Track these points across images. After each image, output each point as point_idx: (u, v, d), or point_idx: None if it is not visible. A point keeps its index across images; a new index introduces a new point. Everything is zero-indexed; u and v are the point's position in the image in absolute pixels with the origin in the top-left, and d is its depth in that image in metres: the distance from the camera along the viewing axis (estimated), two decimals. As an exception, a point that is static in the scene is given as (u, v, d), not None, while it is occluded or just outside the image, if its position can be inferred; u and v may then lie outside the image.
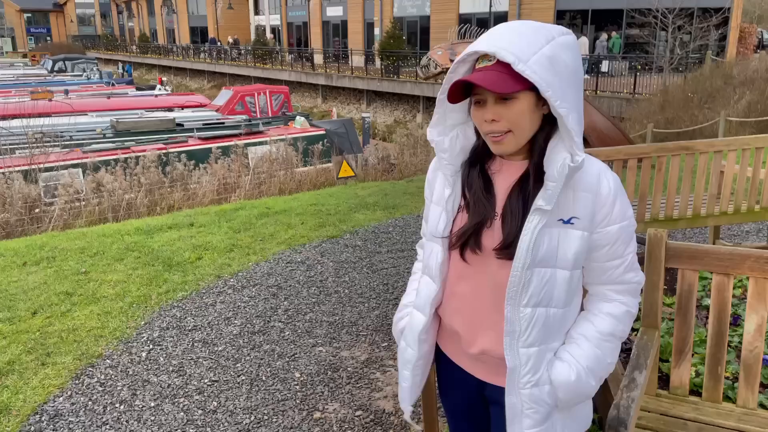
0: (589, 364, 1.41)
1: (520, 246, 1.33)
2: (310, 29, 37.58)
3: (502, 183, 1.42)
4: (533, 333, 1.37)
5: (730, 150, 4.10)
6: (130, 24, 61.83)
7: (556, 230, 1.35)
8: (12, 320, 3.95)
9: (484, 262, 1.42)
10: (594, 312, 1.46)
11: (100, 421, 2.93)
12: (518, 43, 1.26)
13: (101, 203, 9.14)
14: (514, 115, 1.31)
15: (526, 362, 1.38)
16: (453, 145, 1.45)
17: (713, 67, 15.21)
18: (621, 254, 1.42)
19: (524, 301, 1.36)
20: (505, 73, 1.27)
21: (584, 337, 1.43)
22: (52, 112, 15.69)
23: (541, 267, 1.35)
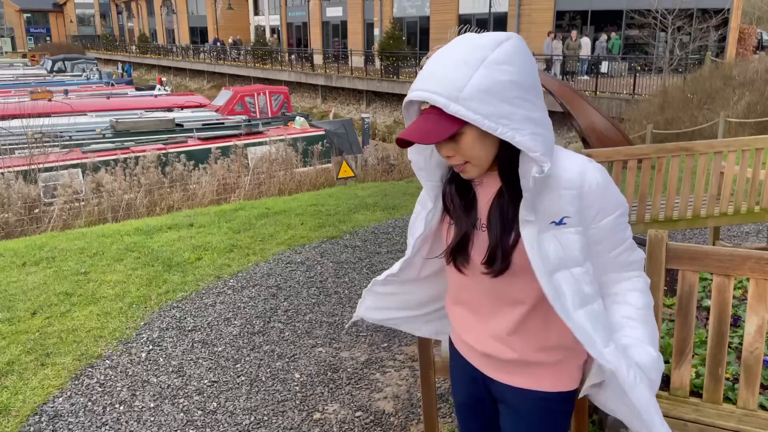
0: (653, 341, 1.43)
1: (532, 259, 1.33)
2: (309, 30, 37.59)
3: (484, 196, 1.44)
4: (600, 329, 1.36)
5: (729, 151, 4.11)
6: (130, 24, 61.84)
7: (553, 233, 1.35)
8: (11, 321, 3.95)
9: (477, 272, 1.45)
10: (621, 293, 1.47)
11: (100, 422, 2.92)
12: (449, 80, 1.23)
13: (101, 203, 9.14)
14: (464, 149, 1.31)
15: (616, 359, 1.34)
16: (428, 162, 1.46)
17: (713, 68, 15.22)
18: (622, 241, 1.44)
19: (569, 305, 1.34)
20: (442, 115, 1.25)
21: (628, 318, 1.44)
22: (52, 112, 15.69)
23: (560, 271, 1.35)
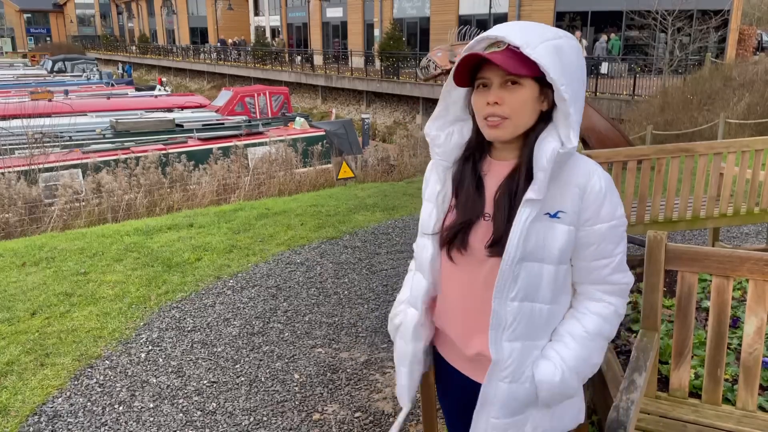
0: (576, 365, 1.41)
1: (511, 239, 1.34)
2: (309, 30, 37.59)
3: (492, 183, 1.43)
4: (518, 327, 1.38)
5: (729, 152, 4.10)
6: (130, 24, 61.85)
7: (543, 224, 1.36)
8: (11, 321, 3.95)
9: (471, 262, 1.43)
10: (581, 311, 1.46)
11: (99, 422, 2.92)
12: (527, 32, 1.31)
13: (101, 204, 9.14)
14: (516, 101, 1.33)
15: (508, 356, 1.39)
16: (447, 140, 1.47)
17: (713, 69, 15.22)
18: (609, 254, 1.42)
19: (512, 294, 1.37)
20: (514, 58, 1.30)
21: (571, 335, 1.43)
22: (52, 112, 15.69)
23: (529, 261, 1.36)
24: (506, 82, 1.34)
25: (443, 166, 1.48)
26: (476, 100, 1.39)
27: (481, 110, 1.37)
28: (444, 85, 1.44)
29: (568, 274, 1.44)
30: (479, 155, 1.47)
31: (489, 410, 1.43)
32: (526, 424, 1.45)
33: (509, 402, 1.41)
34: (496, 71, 1.34)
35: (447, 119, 1.48)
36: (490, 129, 1.37)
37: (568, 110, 1.33)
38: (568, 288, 1.47)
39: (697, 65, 17.15)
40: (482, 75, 1.37)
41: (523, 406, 1.43)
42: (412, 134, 15.45)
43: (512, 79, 1.33)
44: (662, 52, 18.78)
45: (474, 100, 1.40)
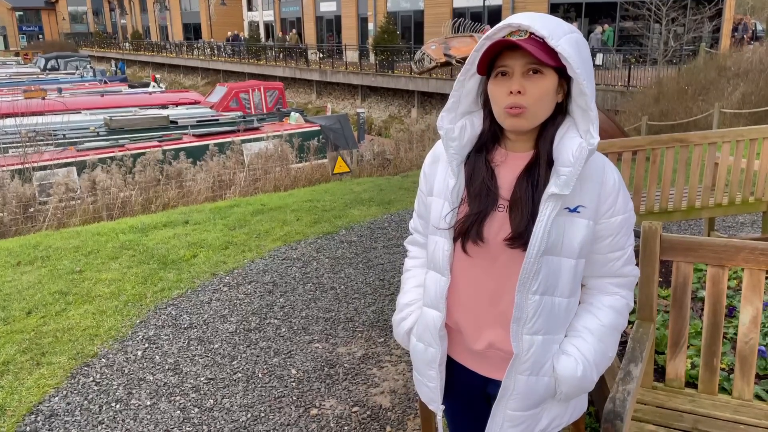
0: (595, 359, 1.43)
1: (536, 233, 1.34)
2: (303, 25, 37.44)
3: (507, 174, 1.42)
4: (539, 321, 1.39)
5: (724, 142, 4.11)
6: (123, 21, 61.51)
7: (563, 219, 1.36)
8: (6, 320, 3.93)
9: (486, 253, 1.41)
10: (596, 305, 1.48)
11: (96, 421, 2.92)
12: (550, 23, 1.31)
13: (96, 202, 9.11)
14: (538, 90, 1.32)
15: (528, 348, 1.39)
16: (461, 134, 1.44)
17: (707, 59, 15.22)
18: (623, 246, 1.44)
19: (534, 288, 1.37)
20: (536, 46, 1.28)
21: (588, 330, 1.44)
22: (46, 110, 15.62)
23: (549, 255, 1.36)
24: (528, 71, 1.32)
25: (458, 160, 1.44)
26: (495, 89, 1.36)
27: (502, 99, 1.34)
28: (459, 76, 1.41)
29: (583, 268, 1.45)
30: (491, 145, 1.46)
31: (508, 403, 1.44)
32: (542, 416, 1.47)
33: (529, 395, 1.42)
34: (518, 59, 1.32)
35: (458, 111, 1.45)
36: (511, 119, 1.35)
37: (588, 105, 1.33)
38: (580, 282, 1.49)
39: (692, 55, 17.16)
40: (502, 63, 1.34)
41: (541, 400, 1.44)
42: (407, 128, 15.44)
43: (535, 67, 1.32)
44: (657, 42, 18.78)
45: (493, 90, 1.37)
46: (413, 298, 1.63)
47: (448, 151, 1.44)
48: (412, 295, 1.64)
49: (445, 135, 1.44)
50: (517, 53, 1.31)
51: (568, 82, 1.36)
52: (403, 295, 1.68)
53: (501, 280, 1.41)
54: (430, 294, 1.52)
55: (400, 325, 1.65)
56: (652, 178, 4.08)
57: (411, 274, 1.69)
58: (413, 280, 1.67)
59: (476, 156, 1.44)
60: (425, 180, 1.56)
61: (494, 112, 1.39)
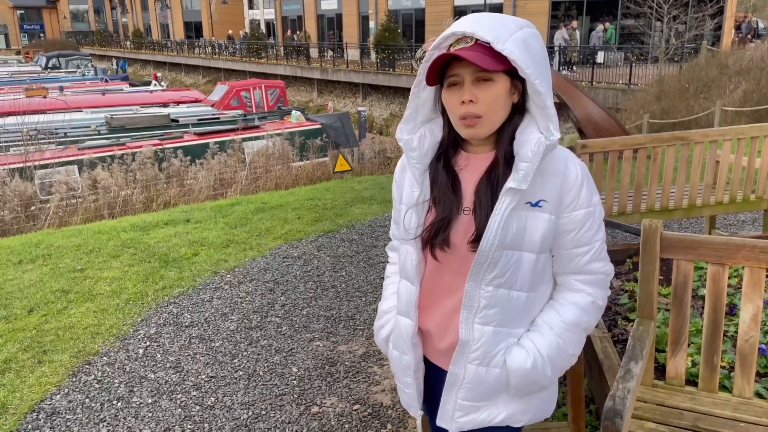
0: (549, 353, 1.41)
1: (490, 225, 1.34)
2: (304, 23, 37.42)
3: (470, 177, 1.43)
4: (491, 312, 1.39)
5: (725, 140, 4.10)
6: (124, 20, 61.51)
7: (524, 213, 1.36)
8: (8, 318, 3.94)
9: (455, 258, 1.42)
10: (560, 301, 1.47)
11: (98, 419, 2.92)
12: (494, 26, 1.30)
13: (97, 200, 9.12)
14: (489, 98, 1.32)
15: (478, 338, 1.40)
16: (421, 143, 1.44)
17: (709, 56, 15.19)
18: (588, 241, 1.43)
19: (488, 278, 1.37)
20: (485, 54, 1.29)
21: (548, 325, 1.44)
22: (47, 109, 15.63)
23: (509, 249, 1.36)
24: (478, 79, 1.33)
25: (419, 169, 1.45)
26: (449, 98, 1.37)
27: (456, 109, 1.36)
28: (413, 87, 1.41)
29: (547, 263, 1.46)
30: (453, 150, 1.46)
31: (457, 392, 1.45)
32: (499, 410, 1.45)
33: (479, 385, 1.43)
34: (467, 68, 1.32)
35: (417, 121, 1.46)
36: (466, 129, 1.36)
37: (545, 103, 1.33)
38: (547, 278, 1.49)
39: (693, 53, 17.13)
40: (453, 72, 1.35)
41: (494, 392, 1.44)
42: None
43: (484, 75, 1.32)
44: (658, 40, 18.75)
45: (446, 99, 1.38)
46: (391, 305, 1.64)
47: (410, 161, 1.45)
48: (390, 302, 1.65)
49: (404, 146, 1.45)
50: (464, 62, 1.32)
51: (522, 81, 1.36)
52: (383, 301, 1.69)
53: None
54: (402, 302, 1.54)
55: (379, 332, 1.66)
56: (653, 176, 4.08)
57: (390, 281, 1.70)
58: (392, 287, 1.68)
59: (437, 163, 1.45)
60: (396, 188, 1.57)
61: (451, 120, 1.40)
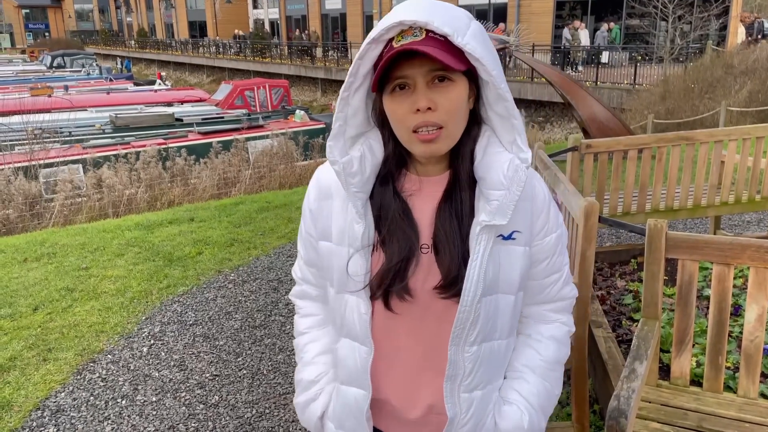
0: (540, 402, 1.23)
1: (470, 277, 1.10)
2: (309, 22, 37.46)
3: (424, 205, 1.15)
4: (478, 374, 1.17)
5: (730, 140, 4.09)
6: (129, 19, 61.67)
7: (497, 249, 1.13)
8: (13, 316, 3.95)
9: (415, 307, 1.15)
10: (535, 337, 1.27)
11: (102, 416, 2.93)
12: (449, 16, 1.03)
13: (101, 199, 9.15)
14: (450, 103, 1.05)
15: (467, 409, 1.18)
16: (362, 166, 1.12)
17: (714, 56, 15.15)
18: (560, 267, 1.25)
19: (471, 338, 1.14)
20: (440, 48, 1.01)
21: (530, 369, 1.24)
22: (52, 108, 15.68)
23: (486, 296, 1.13)
24: (433, 80, 1.04)
25: (362, 199, 1.13)
26: (396, 107, 1.06)
27: (407, 120, 1.06)
28: (341, 92, 1.10)
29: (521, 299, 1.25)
30: (398, 172, 1.16)
31: None
32: None
33: None
34: (419, 67, 1.03)
35: (347, 136, 1.13)
36: (423, 144, 1.06)
37: (510, 112, 1.08)
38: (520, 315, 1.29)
39: (698, 53, 17.09)
40: (400, 74, 1.05)
41: None
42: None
43: (441, 74, 1.04)
44: (663, 40, 18.70)
45: (393, 108, 1.07)
46: (320, 371, 1.30)
47: (349, 189, 1.12)
48: (317, 369, 1.31)
49: (342, 170, 1.11)
50: (416, 59, 1.03)
51: (477, 84, 1.11)
52: (305, 368, 1.32)
53: (435, 333, 1.16)
54: (348, 369, 1.22)
55: (308, 408, 1.31)
56: (657, 176, 4.07)
57: (309, 338, 1.34)
58: (314, 346, 1.33)
59: (382, 189, 1.14)
60: (313, 220, 1.23)
61: (398, 135, 1.10)
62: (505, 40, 8.27)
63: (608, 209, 4.04)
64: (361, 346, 1.19)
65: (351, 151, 1.13)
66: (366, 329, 1.17)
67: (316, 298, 1.35)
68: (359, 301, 1.16)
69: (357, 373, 1.20)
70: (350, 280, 1.15)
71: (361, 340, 1.18)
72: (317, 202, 1.22)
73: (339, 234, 1.17)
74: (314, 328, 1.34)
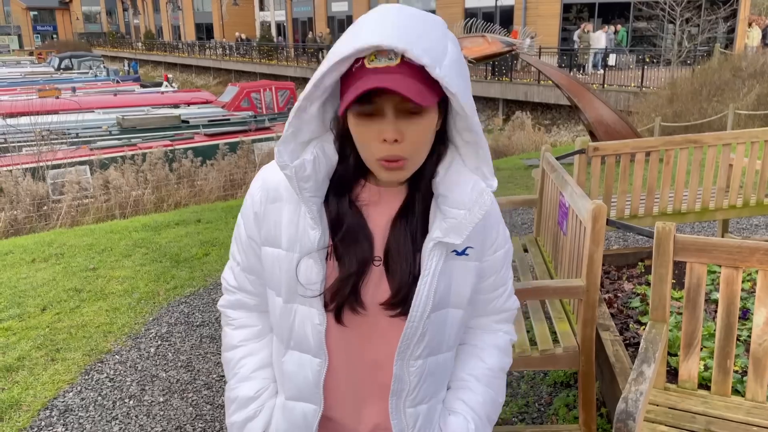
0: (486, 411, 1.22)
1: (419, 294, 1.07)
2: (315, 25, 37.54)
3: (379, 217, 1.11)
4: (423, 388, 1.15)
5: (738, 143, 4.08)
6: (136, 21, 61.97)
7: (449, 265, 1.11)
8: (21, 317, 3.98)
9: (364, 321, 1.12)
10: (480, 346, 1.26)
11: (110, 416, 2.95)
12: (426, 39, 0.96)
13: (108, 200, 9.19)
14: (418, 135, 1.01)
15: (413, 424, 1.16)
16: (316, 169, 1.08)
17: (722, 59, 15.10)
18: (505, 281, 1.25)
19: (417, 353, 1.12)
20: (416, 79, 0.96)
21: (475, 378, 1.23)
22: (60, 109, 15.76)
23: (436, 311, 1.11)
24: (404, 111, 0.99)
25: (317, 204, 1.09)
26: (362, 132, 1.01)
27: (374, 148, 1.01)
28: (298, 102, 1.05)
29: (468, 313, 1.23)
30: (355, 180, 1.12)
31: None
32: None
33: None
34: (390, 99, 0.98)
35: (299, 140, 1.08)
36: (387, 172, 1.03)
37: (478, 141, 1.06)
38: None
39: (706, 56, 17.03)
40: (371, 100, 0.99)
41: None
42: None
43: (412, 108, 0.99)
44: (670, 43, 18.66)
45: (359, 132, 1.02)
46: (259, 387, 1.23)
47: (303, 194, 1.07)
48: (256, 384, 1.23)
49: (294, 175, 1.06)
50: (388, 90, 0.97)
51: (445, 108, 1.06)
52: (241, 384, 1.24)
53: (381, 348, 1.13)
54: (297, 383, 1.17)
55: (246, 428, 1.22)
56: (665, 179, 4.06)
57: (245, 352, 1.26)
58: (251, 360, 1.25)
59: (338, 198, 1.11)
60: (257, 224, 1.17)
61: (362, 156, 1.06)
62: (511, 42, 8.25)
63: (615, 212, 4.03)
64: (314, 358, 1.14)
65: (303, 154, 1.08)
66: (320, 340, 1.12)
67: (252, 307, 1.28)
68: (312, 311, 1.11)
69: (308, 387, 1.16)
70: (303, 288, 1.10)
71: (314, 352, 1.14)
72: (263, 205, 1.16)
73: (290, 240, 1.12)
74: (250, 340, 1.27)
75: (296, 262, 1.10)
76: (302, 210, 1.10)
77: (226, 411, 1.27)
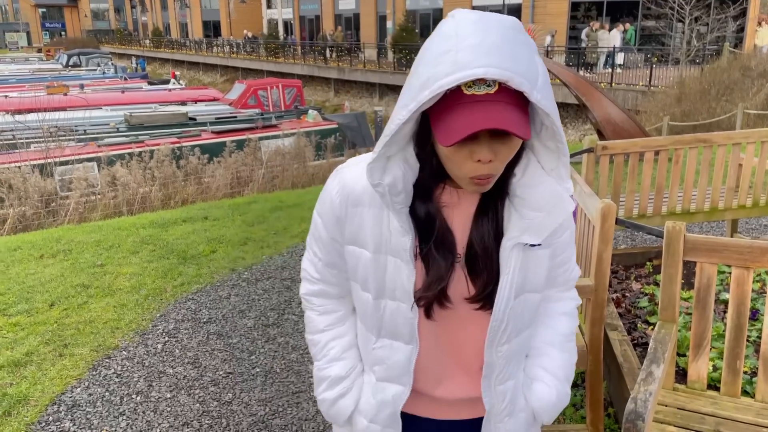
0: (565, 373, 1.34)
1: (502, 290, 1.16)
2: (322, 23, 37.54)
3: (459, 217, 1.18)
4: (509, 367, 1.26)
5: (748, 142, 4.05)
6: (144, 18, 62.17)
7: (525, 256, 1.18)
8: (30, 312, 4.00)
9: (450, 315, 1.21)
10: (550, 314, 1.36)
11: (117, 412, 2.96)
12: (526, 65, 0.98)
13: (116, 197, 9.23)
14: (510, 152, 1.05)
15: (503, 399, 1.27)
16: (407, 183, 1.13)
17: (731, 58, 15.00)
18: (570, 257, 1.33)
19: (503, 339, 1.22)
20: (514, 105, 0.98)
21: (550, 345, 1.34)
22: (68, 106, 15.83)
23: (516, 298, 1.20)
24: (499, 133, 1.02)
25: (406, 212, 1.14)
26: (455, 152, 1.04)
27: (467, 168, 1.05)
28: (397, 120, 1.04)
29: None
30: (435, 184, 1.17)
31: None
32: None
33: None
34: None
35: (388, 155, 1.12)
36: (476, 186, 1.08)
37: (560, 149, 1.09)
38: None
39: (715, 55, 16.92)
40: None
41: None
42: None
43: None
44: (679, 42, 18.55)
45: (451, 153, 1.04)
46: (350, 366, 1.33)
47: (395, 207, 1.12)
48: (347, 364, 1.33)
49: (387, 191, 1.10)
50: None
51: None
52: (332, 364, 1.33)
53: (465, 332, 1.23)
54: (389, 366, 1.25)
55: (337, 404, 1.32)
56: (674, 179, 4.03)
57: (333, 335, 1.35)
58: (340, 342, 1.34)
59: (423, 203, 1.16)
60: (339, 226, 1.22)
61: (451, 173, 1.10)
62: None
63: (624, 211, 4.02)
64: (406, 345, 1.23)
65: (390, 169, 1.11)
66: (413, 331, 1.21)
67: (334, 295, 1.36)
68: (403, 306, 1.19)
69: (399, 370, 1.25)
70: (395, 289, 1.18)
71: (407, 340, 1.22)
72: (345, 208, 1.20)
73: (376, 243, 1.18)
74: (336, 324, 1.35)
75: (385, 265, 1.18)
76: (386, 214, 1.16)
77: (316, 389, 1.36)
